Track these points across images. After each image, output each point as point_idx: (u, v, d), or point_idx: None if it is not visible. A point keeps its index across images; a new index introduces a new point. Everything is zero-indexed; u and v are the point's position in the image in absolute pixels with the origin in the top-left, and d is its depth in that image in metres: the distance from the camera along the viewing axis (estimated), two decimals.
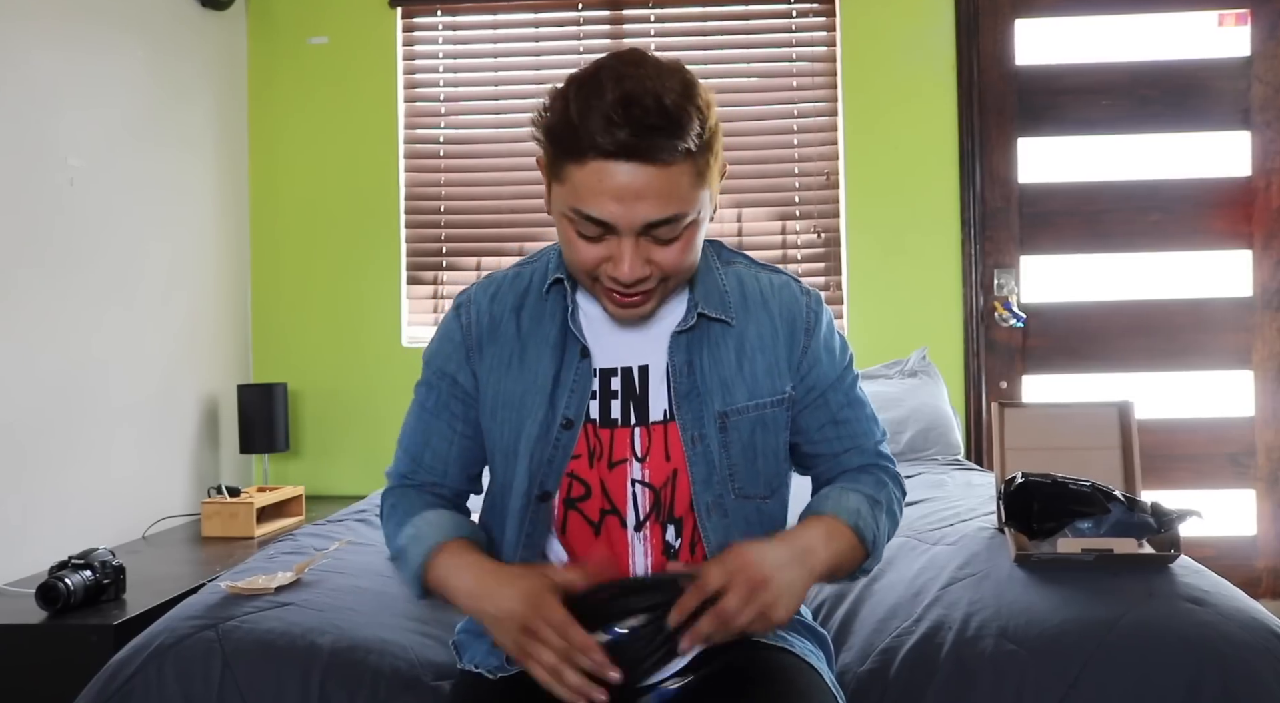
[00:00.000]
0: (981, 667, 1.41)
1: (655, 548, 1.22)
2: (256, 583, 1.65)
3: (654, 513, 1.22)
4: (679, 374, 1.23)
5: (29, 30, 2.53)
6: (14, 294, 2.44)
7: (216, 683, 1.42)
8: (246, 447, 3.27)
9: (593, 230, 1.12)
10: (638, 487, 1.22)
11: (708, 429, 1.22)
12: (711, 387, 1.23)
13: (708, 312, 1.24)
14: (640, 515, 1.22)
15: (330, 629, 1.50)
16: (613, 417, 1.23)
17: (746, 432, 1.24)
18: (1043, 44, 3.46)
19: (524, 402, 1.24)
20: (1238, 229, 3.39)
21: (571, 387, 1.22)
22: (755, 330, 1.27)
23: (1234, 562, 3.31)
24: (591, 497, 1.22)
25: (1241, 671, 1.36)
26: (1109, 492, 1.63)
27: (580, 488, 1.23)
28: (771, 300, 1.29)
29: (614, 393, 1.23)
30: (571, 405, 1.22)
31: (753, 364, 1.25)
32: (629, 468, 1.22)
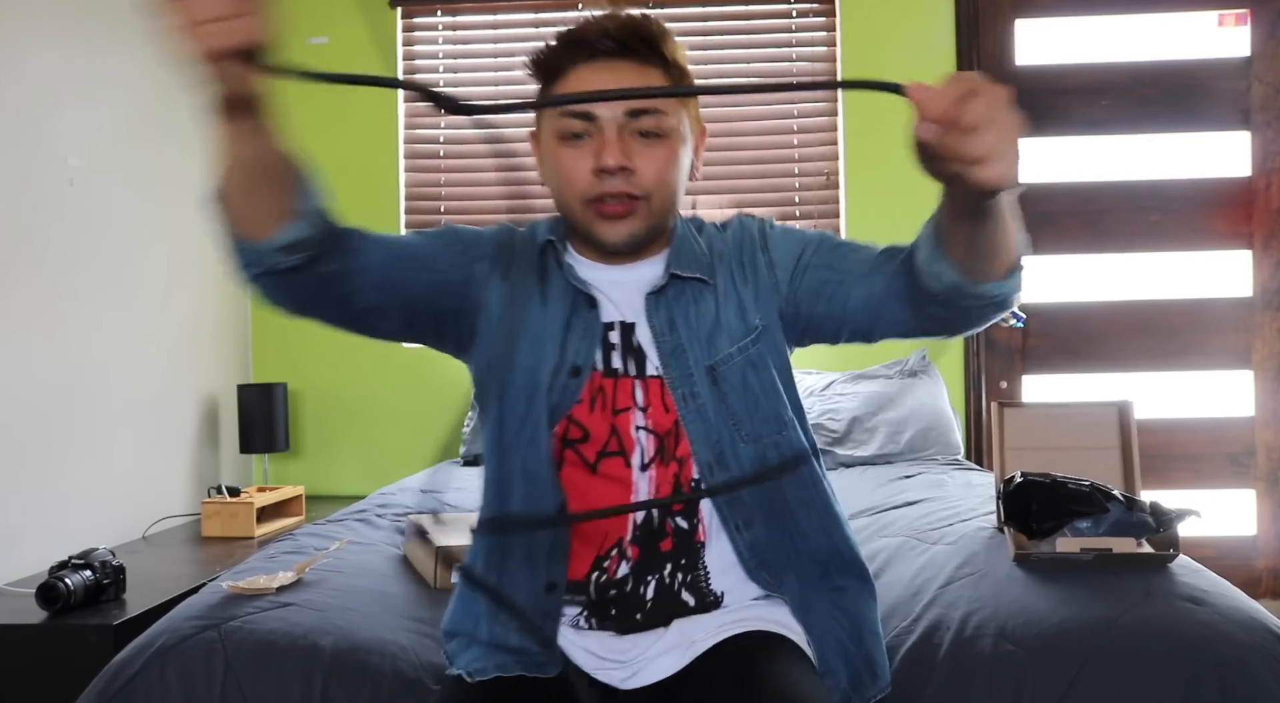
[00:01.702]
0: (979, 667, 1.41)
1: (659, 485, 1.24)
2: (257, 583, 1.66)
3: (659, 457, 1.24)
4: (661, 334, 1.25)
5: (29, 30, 2.53)
6: (14, 294, 2.44)
7: (219, 684, 1.42)
8: (246, 447, 3.27)
9: (578, 126, 1.19)
10: (642, 433, 1.24)
11: (699, 386, 1.24)
12: (695, 343, 1.25)
13: (680, 271, 1.27)
14: (645, 458, 1.24)
15: (332, 630, 1.51)
16: (614, 367, 1.26)
17: (738, 378, 1.25)
18: (1043, 44, 3.46)
19: (541, 342, 1.26)
20: (1238, 229, 3.39)
21: (581, 334, 1.25)
22: (724, 279, 1.29)
23: (1234, 562, 3.31)
24: (589, 440, 1.24)
25: (1240, 670, 1.36)
26: (1108, 491, 1.63)
27: (578, 431, 1.24)
28: (729, 244, 1.32)
29: (614, 345, 1.26)
30: (581, 353, 1.25)
31: (727, 311, 1.27)
32: (632, 416, 1.24)
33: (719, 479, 1.23)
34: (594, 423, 1.24)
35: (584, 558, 1.24)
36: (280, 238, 1.11)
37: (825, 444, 2.97)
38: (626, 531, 1.24)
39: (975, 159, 0.83)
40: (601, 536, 1.24)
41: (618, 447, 1.24)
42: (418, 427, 3.52)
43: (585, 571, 1.24)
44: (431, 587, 1.77)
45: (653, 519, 1.23)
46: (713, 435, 1.24)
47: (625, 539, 1.23)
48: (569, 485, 1.24)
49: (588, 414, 1.24)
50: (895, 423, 3.01)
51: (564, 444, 1.24)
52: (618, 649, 1.24)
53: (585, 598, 1.24)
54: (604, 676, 1.24)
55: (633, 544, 1.23)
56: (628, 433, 1.24)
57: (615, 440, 1.24)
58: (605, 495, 1.23)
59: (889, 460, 2.95)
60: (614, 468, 1.24)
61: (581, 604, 1.25)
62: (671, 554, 1.24)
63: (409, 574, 1.84)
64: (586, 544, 1.24)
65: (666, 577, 1.23)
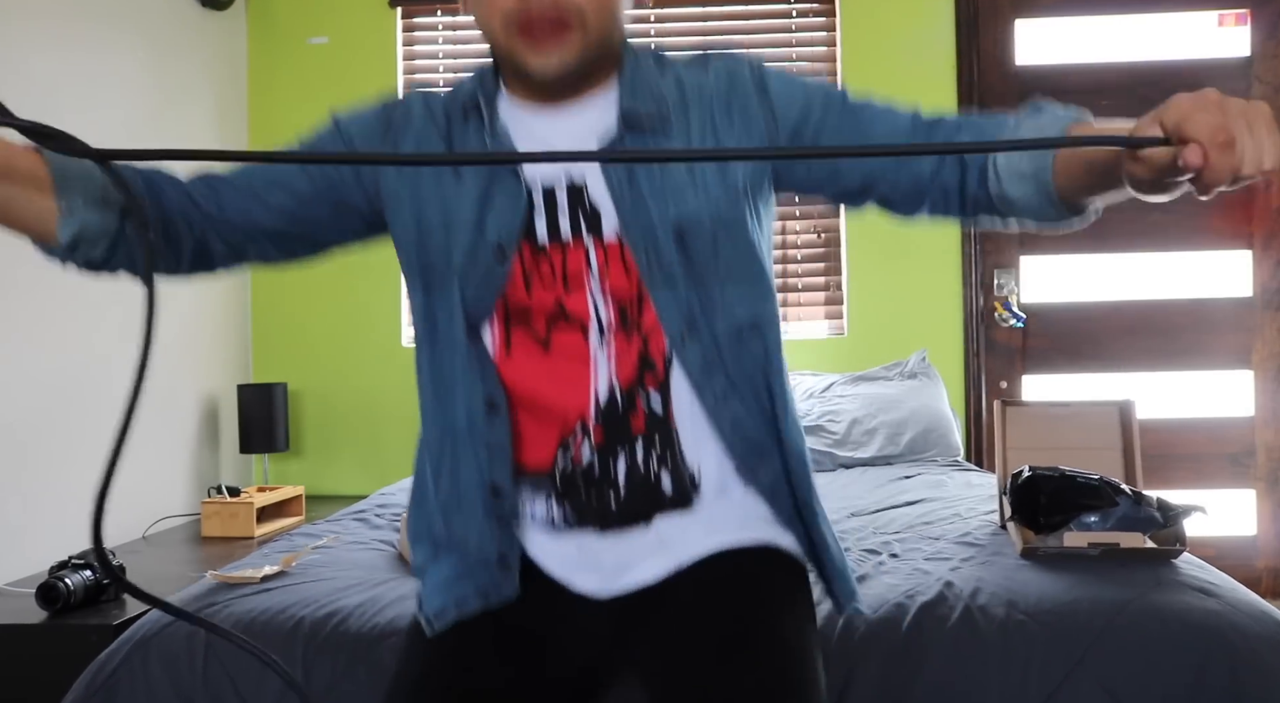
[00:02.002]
0: (991, 632, 1.42)
1: (620, 360, 1.11)
2: (244, 573, 1.70)
3: (620, 326, 1.11)
4: (619, 189, 1.10)
5: (29, 30, 2.53)
6: (14, 294, 2.44)
7: (201, 667, 1.47)
8: (246, 447, 3.26)
9: None
10: (599, 303, 1.11)
11: (664, 247, 1.09)
12: (660, 198, 1.10)
13: (637, 106, 1.11)
14: (604, 329, 1.11)
15: (310, 603, 1.57)
16: (563, 235, 1.11)
17: (709, 243, 1.11)
18: (1043, 44, 3.46)
19: (451, 225, 1.12)
20: (1238, 229, 3.39)
21: (503, 206, 1.10)
22: (699, 127, 1.12)
23: (1234, 562, 3.31)
24: (533, 317, 1.11)
25: (1249, 659, 1.37)
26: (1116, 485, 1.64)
27: (521, 311, 1.12)
28: (710, 86, 1.14)
29: (559, 208, 1.11)
30: (504, 228, 1.10)
31: (702, 166, 1.12)
32: (587, 283, 1.11)
33: (691, 351, 1.10)
34: (538, 299, 1.11)
35: (545, 444, 1.13)
36: (62, 238, 1.03)
37: (825, 446, 2.97)
38: (589, 408, 1.11)
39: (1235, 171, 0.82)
40: (561, 418, 1.12)
41: (571, 319, 1.11)
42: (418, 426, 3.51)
43: (549, 459, 1.13)
44: None
45: (618, 400, 1.11)
46: (682, 303, 1.10)
47: (589, 419, 1.11)
48: (520, 374, 1.12)
49: (525, 294, 1.11)
50: (895, 424, 3.01)
51: (507, 326, 1.12)
52: (596, 551, 1.15)
53: (553, 489, 1.13)
54: (581, 581, 1.15)
55: (597, 424, 1.11)
56: (582, 303, 1.10)
57: (565, 314, 1.11)
58: (564, 376, 1.11)
59: (889, 462, 2.95)
60: (569, 343, 1.11)
61: (548, 494, 1.14)
62: (644, 435, 1.12)
63: (403, 569, 1.85)
64: (546, 428, 1.13)
65: (640, 459, 1.12)
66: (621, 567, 1.14)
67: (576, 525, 1.14)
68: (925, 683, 1.40)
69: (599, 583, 1.15)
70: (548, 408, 1.12)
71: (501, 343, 1.13)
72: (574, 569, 1.15)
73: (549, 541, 1.16)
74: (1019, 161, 1.04)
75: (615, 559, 1.14)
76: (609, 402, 1.11)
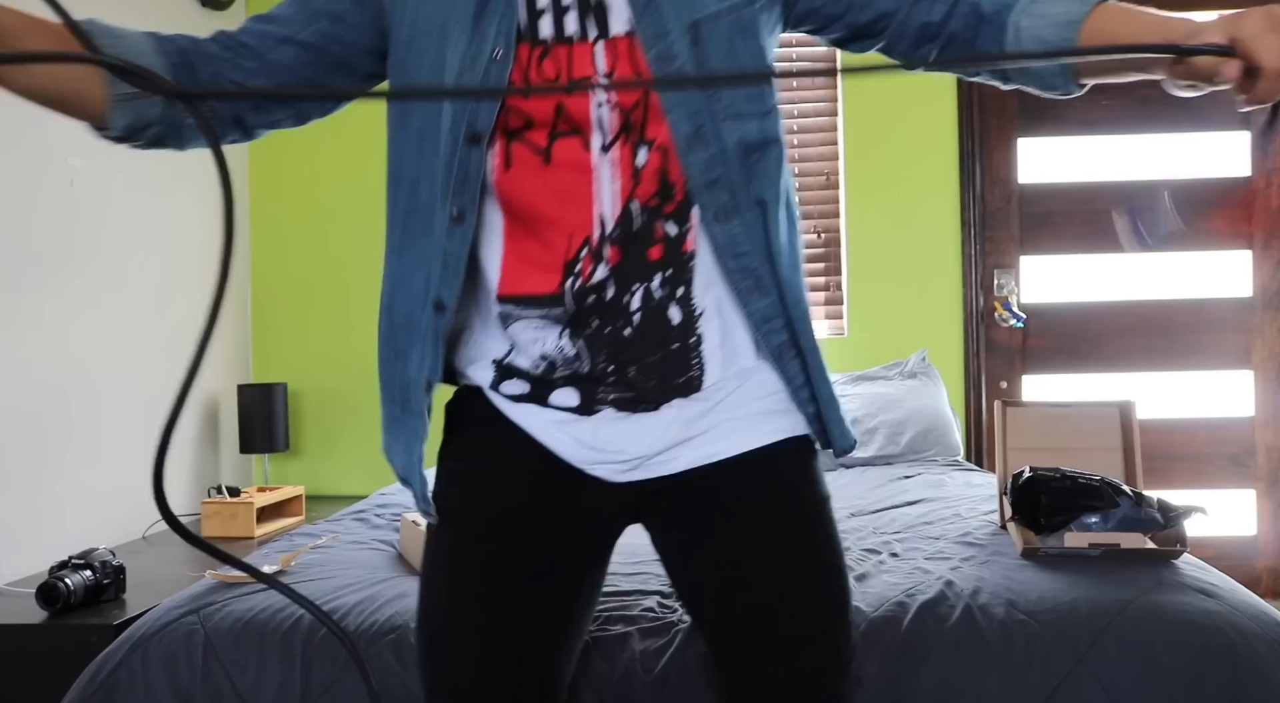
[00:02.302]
0: (992, 632, 1.43)
1: (624, 171, 1.05)
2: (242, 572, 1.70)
3: (623, 135, 1.05)
4: None
5: None
6: (14, 294, 2.44)
7: (200, 665, 1.47)
8: (246, 447, 3.26)
9: None
10: (604, 108, 1.04)
11: (676, 44, 1.04)
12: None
13: None
14: (607, 137, 1.05)
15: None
16: (568, 33, 1.05)
17: (725, 42, 1.06)
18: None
19: (445, 29, 1.06)
20: (1238, 229, 3.39)
21: (500, 9, 1.04)
22: None
23: (1234, 562, 3.31)
24: (535, 126, 1.05)
25: (1249, 659, 1.37)
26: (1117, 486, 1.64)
27: (519, 119, 1.05)
28: None
29: (565, 7, 1.05)
30: (502, 30, 1.04)
31: None
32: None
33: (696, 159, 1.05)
34: (537, 106, 1.05)
35: (551, 265, 1.07)
36: (113, 130, 1.07)
37: None
38: (593, 227, 1.06)
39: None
40: (565, 233, 1.06)
41: (570, 126, 1.05)
42: None
43: (557, 280, 1.07)
44: None
45: (633, 220, 1.06)
46: (692, 106, 1.05)
47: (594, 237, 1.06)
48: (519, 189, 1.06)
49: (525, 98, 1.05)
50: (895, 424, 3.01)
51: (508, 138, 1.06)
52: (612, 441, 1.11)
53: (562, 310, 1.07)
54: (598, 470, 1.12)
55: (612, 244, 1.06)
56: (584, 110, 1.04)
57: (567, 120, 1.04)
58: (565, 189, 1.05)
59: (889, 462, 2.95)
60: (570, 151, 1.05)
61: (558, 320, 1.08)
62: (660, 263, 1.07)
63: (402, 568, 1.85)
64: (550, 248, 1.07)
65: (655, 290, 1.07)
66: (642, 460, 1.11)
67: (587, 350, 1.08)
68: (925, 682, 1.40)
69: (616, 472, 1.12)
70: (550, 223, 1.06)
71: (501, 159, 1.07)
72: (589, 459, 1.11)
73: (564, 423, 1.11)
74: (1043, 30, 1.04)
75: (638, 453, 1.10)
76: (625, 224, 1.06)
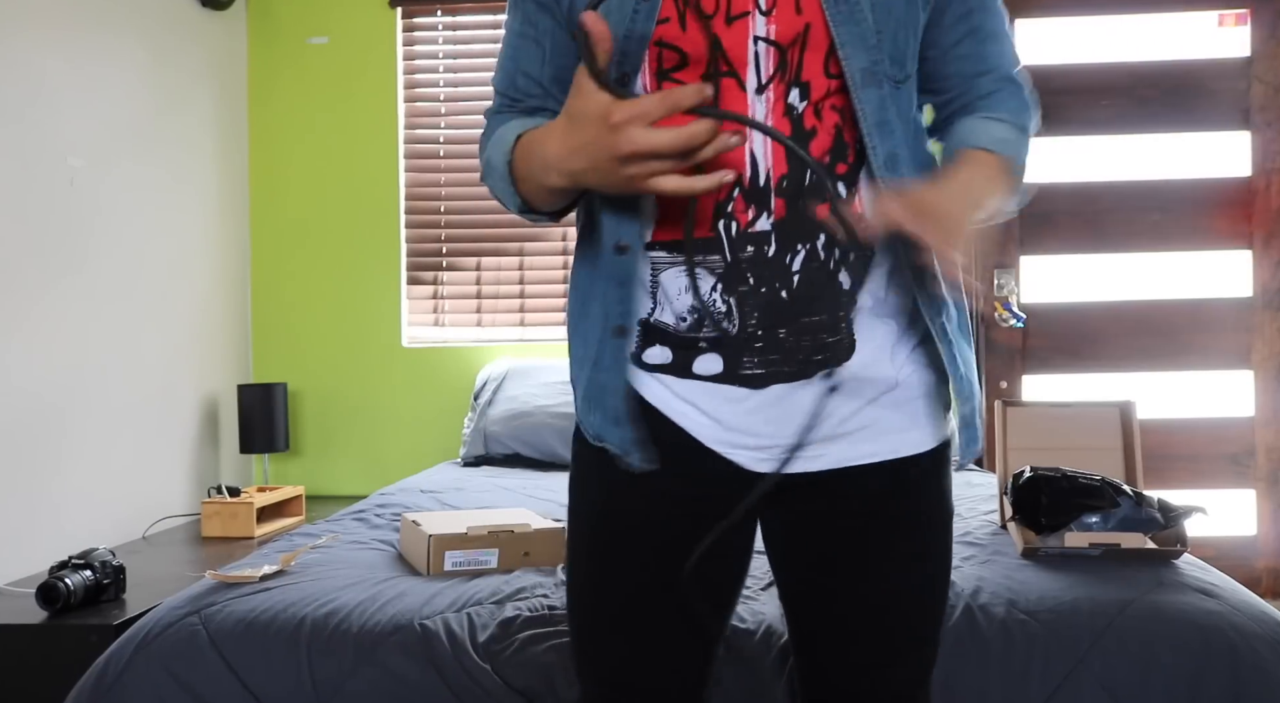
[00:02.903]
0: (992, 631, 1.43)
1: (778, 112, 1.01)
2: (243, 572, 1.72)
3: (779, 74, 1.01)
4: None
5: (29, 31, 2.53)
6: (14, 294, 2.44)
7: (205, 664, 1.47)
8: (246, 447, 3.26)
9: None
10: (760, 44, 1.01)
11: None
12: None
13: None
14: (762, 78, 1.01)
15: (311, 601, 1.57)
16: None
17: None
18: (1043, 44, 3.46)
19: None
20: (1238, 229, 3.39)
21: None
22: None
23: (1234, 562, 3.31)
24: (689, 64, 1.02)
25: (1249, 659, 1.37)
26: (1118, 486, 1.64)
27: (674, 57, 1.02)
28: None
29: None
30: None
31: None
32: (750, 23, 1.01)
33: (869, 97, 1.01)
34: (690, 41, 1.01)
35: (701, 211, 1.03)
36: None
37: None
38: (744, 165, 1.02)
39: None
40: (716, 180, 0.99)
41: (726, 66, 1.01)
42: (418, 427, 3.52)
43: (708, 224, 1.03)
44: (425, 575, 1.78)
45: (803, 174, 1.01)
46: (869, 38, 1.01)
47: (746, 177, 1.02)
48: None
49: (680, 33, 1.01)
50: None
51: (659, 79, 1.02)
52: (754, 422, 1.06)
53: (719, 258, 1.02)
54: (738, 456, 1.07)
55: (779, 196, 1.02)
56: (741, 46, 1.01)
57: (722, 59, 1.01)
58: None
59: None
60: (724, 91, 1.01)
61: (714, 268, 1.03)
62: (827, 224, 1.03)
63: (402, 568, 1.85)
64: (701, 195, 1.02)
65: (820, 250, 1.02)
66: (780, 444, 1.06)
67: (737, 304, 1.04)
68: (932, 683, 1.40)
69: (751, 460, 1.07)
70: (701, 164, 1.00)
71: None
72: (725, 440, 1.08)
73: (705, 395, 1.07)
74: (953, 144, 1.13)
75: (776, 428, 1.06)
76: (791, 174, 1.02)
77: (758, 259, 1.02)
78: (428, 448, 3.50)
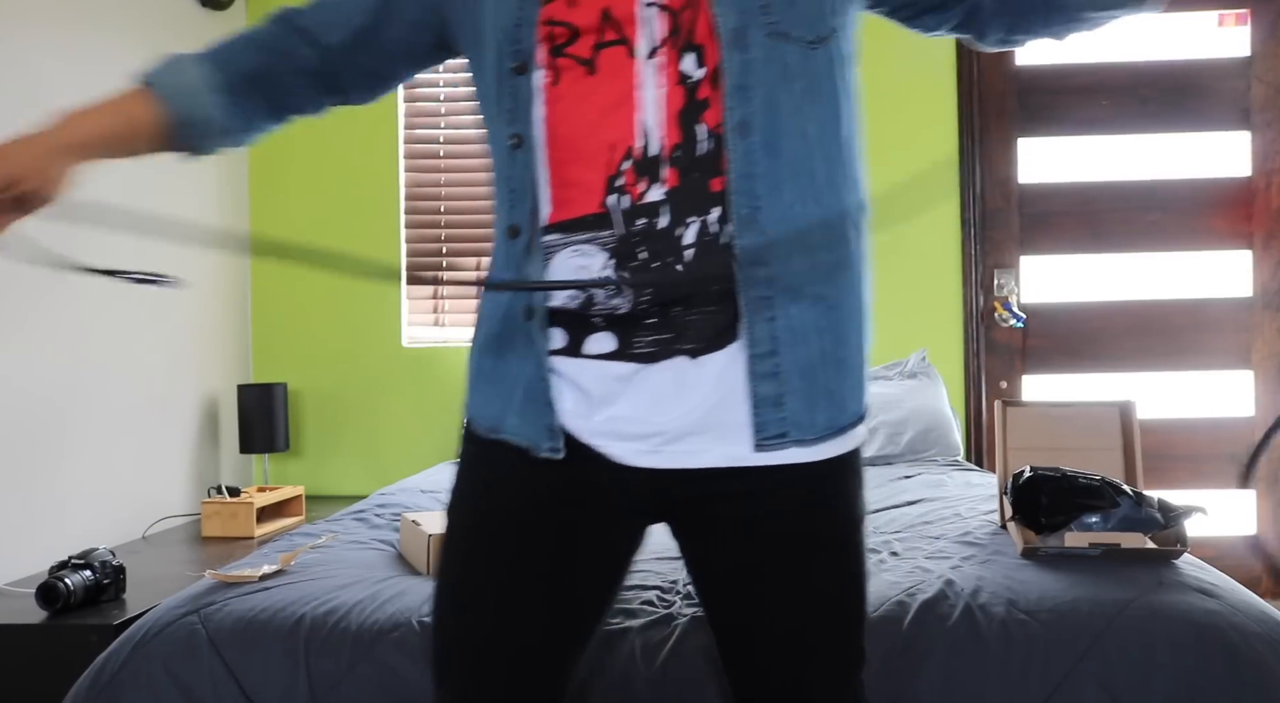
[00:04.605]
0: (992, 631, 1.43)
1: (670, 79, 0.99)
2: (242, 572, 1.72)
3: (671, 38, 0.99)
4: None
5: (29, 31, 2.53)
6: (14, 294, 2.44)
7: (204, 663, 1.48)
8: (246, 447, 3.26)
9: None
10: (651, 9, 0.99)
11: None
12: None
13: None
14: (655, 41, 0.99)
15: (310, 600, 1.57)
16: None
17: None
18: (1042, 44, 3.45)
19: None
20: (1238, 229, 3.39)
21: None
22: None
23: (1234, 562, 3.31)
24: (582, 35, 1.00)
25: (1250, 659, 1.37)
26: (1118, 486, 1.64)
27: (565, 32, 1.00)
28: None
29: None
30: None
31: None
32: None
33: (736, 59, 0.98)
34: (580, 15, 1.00)
35: (593, 183, 1.00)
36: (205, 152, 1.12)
37: None
38: (634, 137, 0.99)
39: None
40: (608, 148, 1.00)
41: (616, 33, 0.99)
42: (418, 427, 3.52)
43: (599, 198, 1.00)
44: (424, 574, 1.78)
45: (696, 143, 0.99)
46: (742, 2, 0.98)
47: (636, 148, 0.99)
48: (567, 107, 1.01)
49: (567, 8, 1.00)
50: (895, 424, 3.01)
51: (553, 54, 1.01)
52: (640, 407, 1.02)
53: (610, 233, 1.00)
54: (615, 449, 1.03)
55: (671, 165, 0.99)
56: (630, 13, 0.99)
57: (613, 26, 1.00)
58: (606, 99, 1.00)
59: (889, 462, 2.95)
60: (614, 59, 0.99)
61: (606, 243, 1.00)
62: (722, 196, 1.00)
63: (402, 568, 1.85)
64: (591, 167, 1.00)
65: (713, 224, 1.00)
66: (665, 438, 1.02)
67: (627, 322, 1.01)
68: (925, 682, 1.41)
69: (636, 451, 1.03)
70: (594, 135, 1.00)
71: (550, 77, 1.02)
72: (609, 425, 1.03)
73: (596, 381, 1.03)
74: None
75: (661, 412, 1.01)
76: (684, 143, 0.99)
77: (649, 232, 0.99)
78: (428, 448, 3.50)
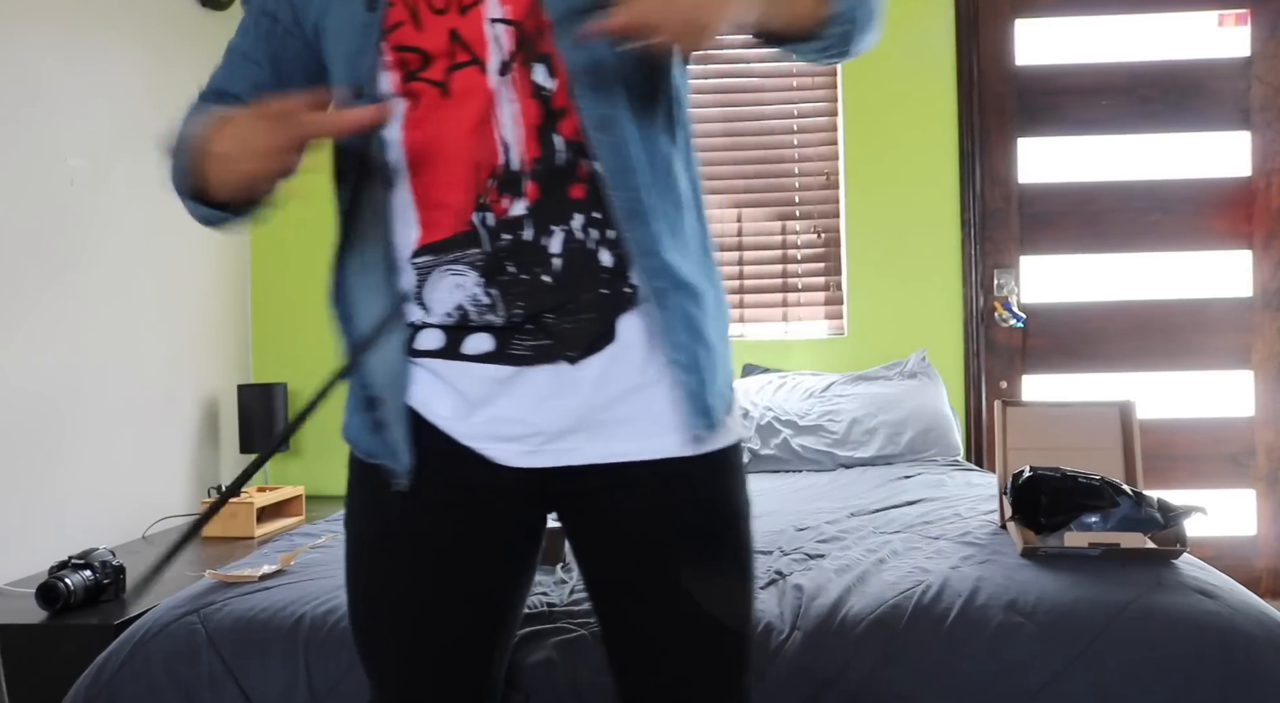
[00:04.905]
0: (992, 630, 1.43)
1: (524, 92, 1.01)
2: (242, 572, 1.72)
3: (521, 52, 1.00)
4: None
5: (29, 30, 2.53)
6: (14, 294, 2.44)
7: (204, 663, 1.48)
8: (247, 447, 3.26)
9: None
10: (498, 25, 1.00)
11: None
12: None
13: None
14: (504, 58, 1.00)
15: (310, 600, 1.57)
16: None
17: None
18: (1043, 44, 3.46)
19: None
20: (1238, 229, 3.39)
21: None
22: None
23: (1234, 562, 3.31)
24: (434, 59, 1.01)
25: (1249, 659, 1.37)
26: (1117, 486, 1.64)
27: (417, 58, 1.01)
28: None
29: None
30: None
31: None
32: (484, 7, 1.00)
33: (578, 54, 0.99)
34: (428, 39, 1.01)
35: (460, 205, 1.02)
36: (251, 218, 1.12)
37: (825, 446, 2.97)
38: (497, 155, 1.01)
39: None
40: (473, 169, 1.01)
41: (468, 55, 1.00)
42: None
43: (467, 217, 1.01)
44: None
45: (555, 154, 1.01)
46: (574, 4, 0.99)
47: (499, 165, 1.01)
48: (424, 130, 1.02)
49: (416, 32, 1.01)
50: (895, 424, 3.01)
51: (407, 78, 1.01)
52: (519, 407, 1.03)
53: (479, 251, 1.01)
54: (495, 451, 1.04)
55: (532, 179, 1.01)
56: (478, 32, 1.00)
57: (463, 48, 1.00)
58: (464, 121, 1.01)
59: (889, 462, 2.95)
60: (468, 80, 1.00)
61: (475, 262, 1.01)
62: (584, 203, 1.02)
63: None
64: (456, 188, 1.01)
65: (578, 231, 1.01)
66: (544, 438, 1.03)
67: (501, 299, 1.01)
68: (924, 681, 1.41)
69: (514, 453, 1.04)
70: (456, 159, 1.01)
71: (409, 105, 1.03)
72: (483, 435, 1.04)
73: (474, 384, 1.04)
74: None
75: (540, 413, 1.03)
76: (543, 157, 1.01)
77: (515, 246, 1.00)
78: None
